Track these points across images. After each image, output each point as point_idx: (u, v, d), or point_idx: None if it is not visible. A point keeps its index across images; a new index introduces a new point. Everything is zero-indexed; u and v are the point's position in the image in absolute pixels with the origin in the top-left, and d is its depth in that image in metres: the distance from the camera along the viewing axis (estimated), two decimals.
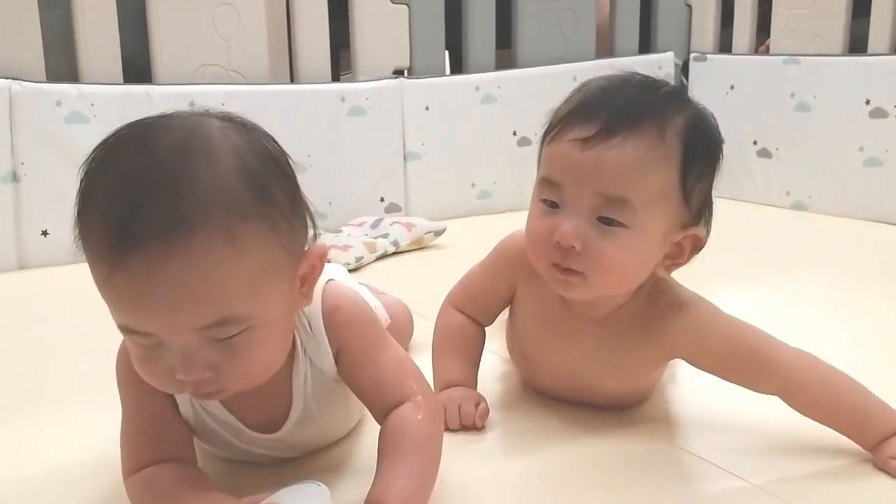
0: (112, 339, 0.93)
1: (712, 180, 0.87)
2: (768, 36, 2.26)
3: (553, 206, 0.85)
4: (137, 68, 1.82)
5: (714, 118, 0.89)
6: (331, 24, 1.97)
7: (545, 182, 0.86)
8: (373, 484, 0.72)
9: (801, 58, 2.12)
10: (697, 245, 0.88)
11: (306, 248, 0.72)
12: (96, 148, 0.67)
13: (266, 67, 1.91)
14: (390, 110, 2.03)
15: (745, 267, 1.57)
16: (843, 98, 2.03)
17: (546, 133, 0.87)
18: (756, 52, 2.29)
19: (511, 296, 0.98)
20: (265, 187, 0.67)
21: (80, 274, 0.68)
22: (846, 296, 1.42)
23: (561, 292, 0.89)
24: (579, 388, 0.96)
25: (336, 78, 2.09)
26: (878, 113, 1.97)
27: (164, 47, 1.82)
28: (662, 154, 0.82)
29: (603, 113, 0.82)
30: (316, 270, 0.73)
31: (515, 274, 0.95)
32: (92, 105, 1.73)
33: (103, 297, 0.65)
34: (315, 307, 0.77)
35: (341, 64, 2.24)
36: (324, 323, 0.77)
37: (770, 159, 2.20)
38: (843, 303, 1.38)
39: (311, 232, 0.72)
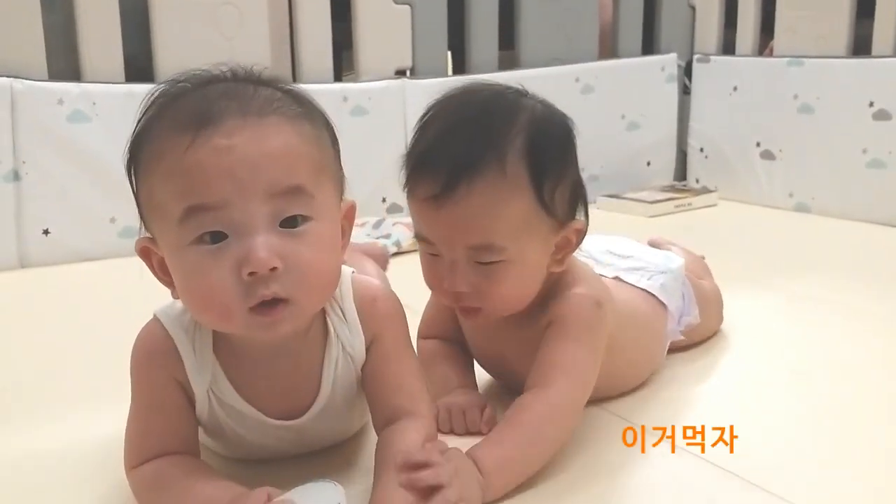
0: (113, 337, 0.92)
1: (571, 174, 0.87)
2: (772, 37, 2.25)
3: (435, 254, 0.87)
4: (139, 67, 1.81)
5: (551, 107, 0.88)
6: (333, 25, 1.97)
7: (419, 237, 0.88)
8: (374, 490, 0.72)
9: (804, 59, 2.12)
10: (581, 235, 0.89)
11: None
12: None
13: (268, 67, 1.91)
14: (393, 111, 2.02)
15: (747, 269, 1.57)
16: (847, 100, 2.03)
17: (405, 183, 0.86)
18: (761, 54, 2.29)
19: None
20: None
21: (81, 272, 0.68)
22: (849, 297, 1.41)
23: (475, 323, 0.92)
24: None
25: (338, 78, 2.09)
26: (882, 115, 1.96)
27: (165, 46, 1.81)
28: (509, 186, 0.82)
29: (443, 165, 0.82)
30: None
31: None
32: (94, 104, 1.73)
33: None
34: (346, 295, 0.80)
35: (344, 64, 2.23)
36: (358, 312, 0.80)
37: (773, 161, 2.20)
38: (845, 304, 1.38)
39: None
